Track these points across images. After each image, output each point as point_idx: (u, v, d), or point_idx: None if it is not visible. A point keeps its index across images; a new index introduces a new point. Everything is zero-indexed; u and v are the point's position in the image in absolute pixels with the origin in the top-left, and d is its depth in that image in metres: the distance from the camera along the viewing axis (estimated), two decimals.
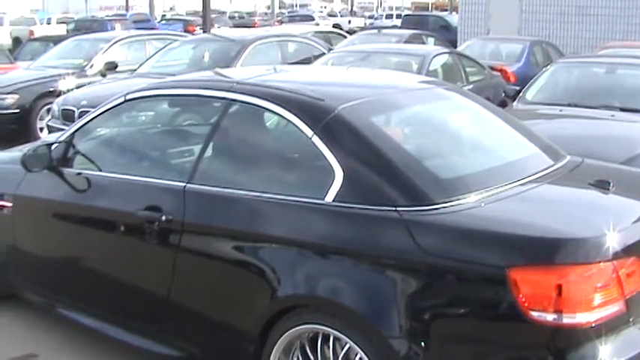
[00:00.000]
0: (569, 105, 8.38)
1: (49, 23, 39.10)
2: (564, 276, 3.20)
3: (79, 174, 4.80)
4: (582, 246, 3.28)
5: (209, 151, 4.35)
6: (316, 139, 3.89)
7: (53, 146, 4.91)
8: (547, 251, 3.25)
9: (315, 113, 4.02)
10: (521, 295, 3.19)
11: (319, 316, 3.65)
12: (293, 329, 3.73)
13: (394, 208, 3.54)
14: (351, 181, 3.72)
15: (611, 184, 3.88)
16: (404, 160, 3.80)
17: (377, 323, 3.45)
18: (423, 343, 3.38)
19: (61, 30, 33.94)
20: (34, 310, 5.33)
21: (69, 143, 4.93)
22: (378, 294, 3.47)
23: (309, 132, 3.93)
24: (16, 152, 5.40)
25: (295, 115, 4.03)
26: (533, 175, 4.05)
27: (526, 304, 3.19)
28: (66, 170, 4.86)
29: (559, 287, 3.19)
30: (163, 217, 4.18)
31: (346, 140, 3.88)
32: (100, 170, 4.81)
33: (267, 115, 4.40)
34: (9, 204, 5.17)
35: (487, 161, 4.21)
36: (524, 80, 13.32)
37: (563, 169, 4.28)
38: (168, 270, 4.22)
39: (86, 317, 4.80)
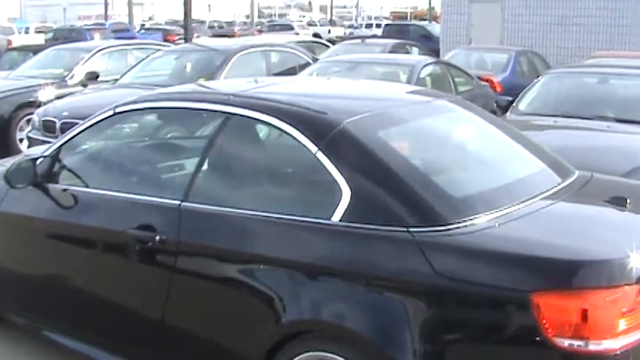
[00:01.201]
0: (562, 116, 8.21)
1: (27, 32, 38.83)
2: (590, 300, 3.02)
3: (66, 190, 4.57)
4: (608, 268, 3.12)
5: (205, 168, 4.14)
6: (321, 155, 3.68)
7: (38, 161, 4.67)
8: (572, 274, 3.08)
9: (319, 127, 3.82)
10: (544, 321, 3.02)
11: (326, 343, 3.45)
12: (298, 357, 3.52)
13: (406, 229, 3.35)
14: (360, 200, 3.52)
15: (628, 201, 3.71)
16: (415, 177, 3.61)
17: (389, 350, 3.27)
18: None
19: (40, 39, 33.65)
20: (19, 332, 5.08)
21: (54, 158, 4.69)
22: (390, 319, 3.28)
23: (313, 148, 3.72)
24: None
25: (297, 129, 3.82)
26: (546, 192, 3.88)
27: (550, 331, 3.02)
28: (51, 186, 4.62)
29: (584, 312, 3.01)
30: (157, 237, 3.96)
31: (353, 156, 3.68)
32: (88, 187, 4.58)
33: (267, 129, 4.20)
34: None
35: (498, 178, 4.03)
36: (510, 90, 13.22)
37: (574, 185, 4.11)
38: (163, 293, 4.00)
39: (74, 341, 4.56)
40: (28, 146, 10.47)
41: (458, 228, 3.34)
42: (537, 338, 3.03)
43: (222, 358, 3.90)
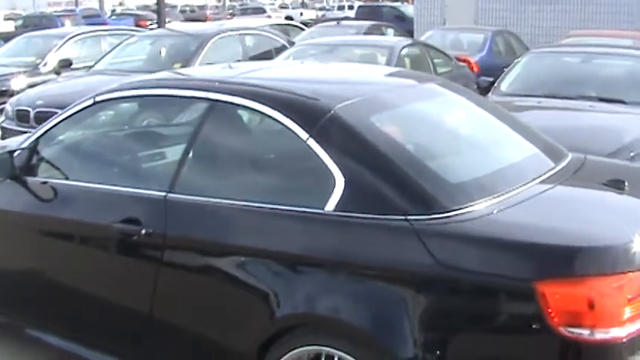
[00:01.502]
0: (545, 96, 8.13)
1: None
2: (596, 287, 2.93)
3: (45, 183, 4.41)
4: (613, 254, 3.03)
5: (191, 158, 4.00)
6: (312, 143, 3.56)
7: (15, 153, 4.50)
8: (577, 261, 2.99)
9: (310, 114, 3.69)
10: (549, 309, 2.92)
11: (322, 337, 3.35)
12: (293, 351, 3.40)
13: (403, 217, 3.23)
14: (354, 188, 3.40)
15: (626, 184, 3.63)
16: (411, 163, 3.50)
17: (387, 342, 3.16)
18: None
19: (9, 27, 33.11)
20: None
21: (33, 150, 4.53)
22: (389, 310, 3.18)
23: (303, 135, 3.59)
24: None
25: (287, 116, 3.69)
26: (541, 176, 3.77)
27: (555, 319, 2.92)
28: (30, 179, 4.46)
29: (590, 300, 2.93)
30: (143, 231, 3.82)
31: (346, 143, 3.56)
32: (69, 179, 4.43)
33: (255, 116, 4.06)
34: None
35: (493, 162, 3.91)
36: (487, 70, 13.16)
37: (568, 168, 4.01)
38: (149, 288, 3.87)
39: (59, 339, 4.41)
40: (2, 136, 10.27)
41: (457, 215, 3.23)
42: (542, 327, 2.94)
43: (213, 353, 3.77)
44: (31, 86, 11.41)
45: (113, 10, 51.94)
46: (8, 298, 4.72)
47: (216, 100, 3.98)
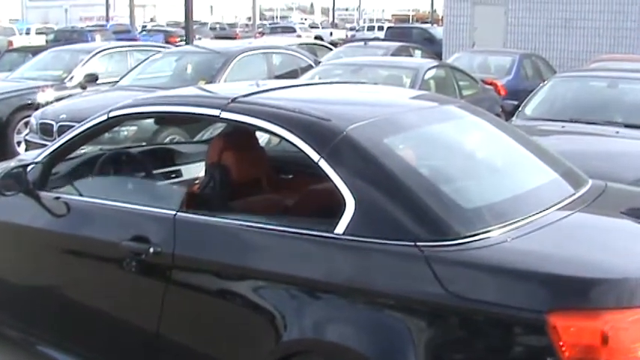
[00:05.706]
0: (570, 121, 8.03)
1: (28, 33, 38.68)
2: (612, 321, 2.83)
3: (58, 198, 4.38)
4: (631, 286, 2.91)
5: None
6: (323, 164, 3.48)
7: (29, 167, 4.48)
8: (592, 293, 2.88)
9: (322, 135, 3.62)
10: (561, 343, 2.82)
11: None
12: None
13: (413, 243, 3.15)
14: (365, 212, 3.32)
15: None
16: (423, 187, 3.41)
17: None
18: None
19: (41, 40, 33.53)
20: (9, 346, 4.88)
21: (46, 164, 4.51)
22: (397, 340, 3.09)
23: (315, 156, 3.52)
24: None
25: (299, 137, 3.62)
26: (560, 203, 3.67)
27: (566, 353, 2.82)
28: (43, 194, 4.43)
29: (605, 334, 2.82)
30: (151, 249, 3.76)
31: (358, 165, 3.48)
32: (81, 195, 4.39)
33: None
34: None
35: (510, 188, 3.82)
36: (514, 93, 13.04)
37: (588, 195, 3.90)
38: (157, 308, 3.81)
39: (66, 356, 4.36)
40: (26, 149, 10.32)
41: (469, 242, 3.14)
42: None
43: None
44: (57, 100, 11.45)
45: (144, 26, 52.36)
46: (19, 312, 4.68)
47: (228, 120, 3.93)
